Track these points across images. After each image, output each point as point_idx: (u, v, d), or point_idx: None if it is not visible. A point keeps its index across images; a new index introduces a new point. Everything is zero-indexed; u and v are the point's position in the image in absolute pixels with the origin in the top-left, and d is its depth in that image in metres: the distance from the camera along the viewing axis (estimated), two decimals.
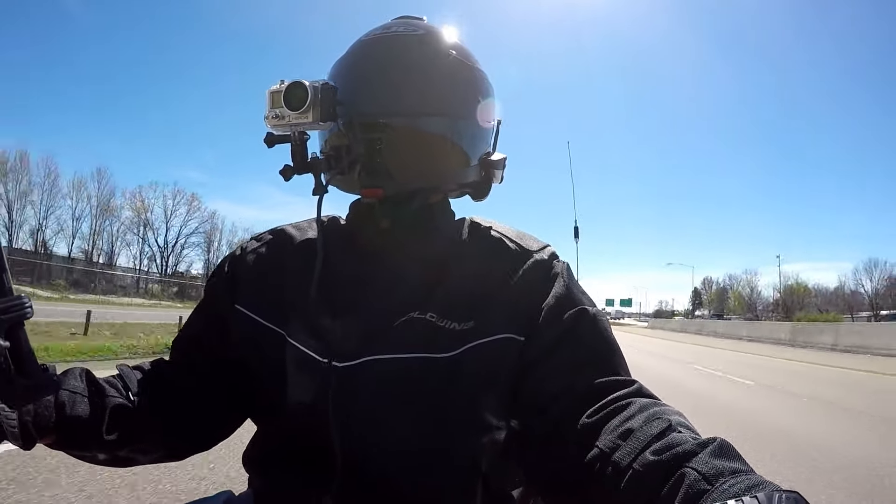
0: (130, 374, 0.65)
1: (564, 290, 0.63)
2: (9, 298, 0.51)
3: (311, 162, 0.61)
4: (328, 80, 0.63)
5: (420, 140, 0.63)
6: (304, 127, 0.59)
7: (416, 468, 0.60)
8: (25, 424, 0.52)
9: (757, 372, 10.04)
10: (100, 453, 0.60)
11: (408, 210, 0.65)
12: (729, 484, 0.37)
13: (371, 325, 0.61)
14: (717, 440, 0.43)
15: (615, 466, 0.46)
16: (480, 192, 0.71)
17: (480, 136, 0.68)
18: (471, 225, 0.70)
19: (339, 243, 0.68)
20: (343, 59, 0.66)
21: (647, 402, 0.52)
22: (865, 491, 3.08)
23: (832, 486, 3.16)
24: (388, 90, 0.62)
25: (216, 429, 0.71)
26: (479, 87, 0.67)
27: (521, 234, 0.70)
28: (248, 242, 0.74)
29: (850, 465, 3.60)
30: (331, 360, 0.61)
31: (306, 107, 0.57)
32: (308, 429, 0.61)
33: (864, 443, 4.31)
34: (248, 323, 0.67)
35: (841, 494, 3.02)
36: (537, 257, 0.65)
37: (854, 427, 4.99)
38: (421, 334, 0.60)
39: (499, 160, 0.70)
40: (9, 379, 0.50)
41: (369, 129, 0.60)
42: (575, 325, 0.60)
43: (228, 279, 0.71)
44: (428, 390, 0.59)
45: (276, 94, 0.57)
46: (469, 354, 0.59)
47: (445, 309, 0.61)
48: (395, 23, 0.68)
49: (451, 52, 0.65)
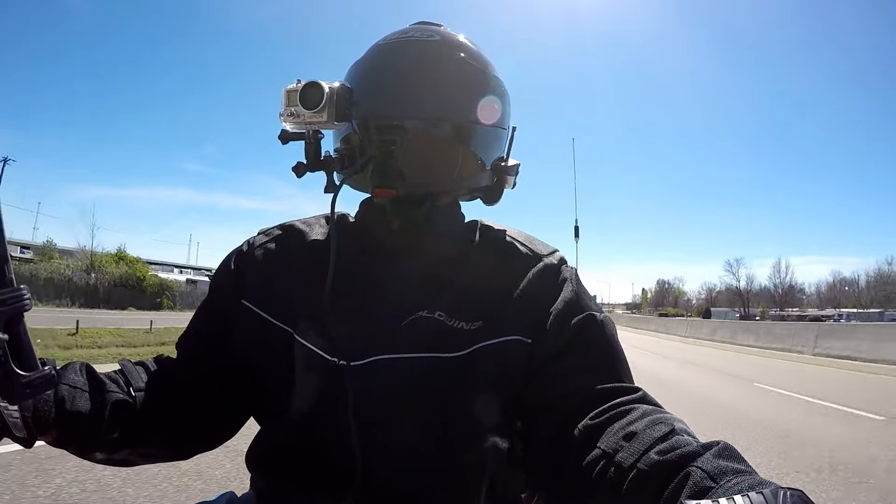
0: (132, 369, 0.65)
1: (573, 295, 0.63)
2: (9, 290, 0.49)
3: (324, 160, 0.63)
4: (345, 82, 0.64)
5: (433, 143, 0.64)
6: (318, 126, 0.60)
7: (424, 468, 0.60)
8: (25, 420, 0.51)
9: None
10: (101, 451, 0.59)
11: (418, 211, 0.66)
12: (734, 482, 0.38)
13: (380, 325, 0.61)
14: (721, 443, 0.43)
15: (618, 467, 0.46)
16: (492, 197, 0.72)
17: (494, 141, 0.68)
18: (481, 228, 0.71)
19: (348, 241, 0.68)
20: (360, 62, 0.67)
21: (650, 409, 0.53)
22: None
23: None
24: (403, 94, 0.63)
25: (220, 428, 0.70)
26: (493, 94, 0.68)
27: (531, 238, 0.71)
28: (256, 237, 0.73)
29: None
30: (340, 360, 0.60)
31: (321, 106, 0.57)
32: (316, 430, 0.61)
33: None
34: (255, 319, 0.66)
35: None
36: (547, 261, 0.66)
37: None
38: (429, 333, 0.60)
39: (512, 166, 0.71)
40: (7, 372, 0.49)
41: (383, 130, 0.61)
42: (582, 331, 0.61)
43: (235, 274, 0.70)
44: (436, 389, 0.59)
45: (292, 93, 0.58)
46: (477, 355, 0.60)
47: (454, 308, 0.61)
48: (413, 28, 0.69)
49: (467, 59, 0.66)
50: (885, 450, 3.94)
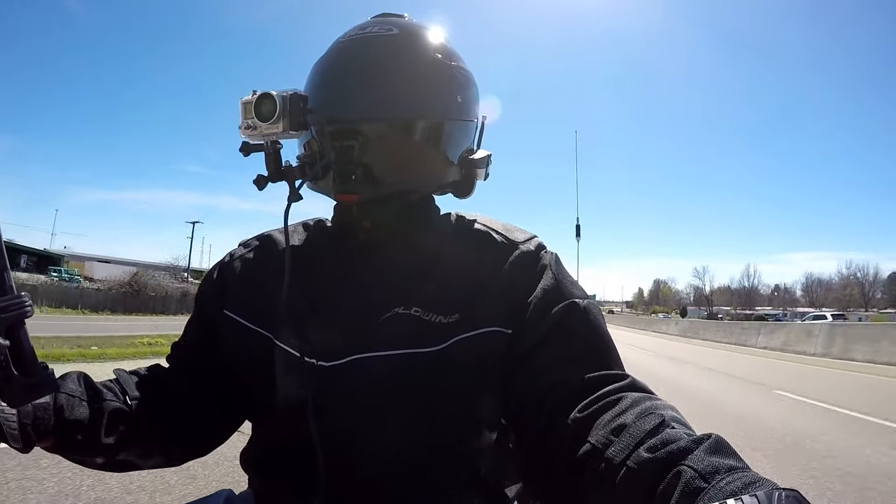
0: (128, 378, 0.66)
1: (553, 282, 0.62)
2: (9, 297, 0.49)
3: (284, 170, 0.61)
4: (305, 83, 0.65)
5: (393, 143, 0.63)
6: (275, 136, 0.59)
7: (407, 466, 0.60)
8: (24, 427, 0.53)
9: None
10: (98, 457, 0.61)
11: (388, 210, 0.65)
12: (726, 482, 0.37)
13: (356, 324, 0.62)
14: (713, 436, 0.42)
15: (608, 463, 0.45)
16: (463, 191, 0.71)
17: (459, 135, 0.67)
18: (457, 219, 0.71)
19: (324, 245, 0.70)
20: (317, 63, 0.66)
21: (640, 397, 0.52)
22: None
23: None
24: (358, 95, 0.62)
25: (212, 433, 0.72)
26: (456, 86, 0.66)
27: (508, 226, 0.69)
28: (237, 249, 0.75)
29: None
30: (318, 361, 0.61)
31: (276, 117, 0.57)
32: (295, 430, 0.61)
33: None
34: (237, 327, 0.67)
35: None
36: (523, 248, 0.65)
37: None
38: (406, 330, 0.60)
39: (481, 158, 0.70)
40: (8, 377, 0.49)
41: (340, 135, 0.61)
42: (564, 319, 0.59)
43: (218, 285, 0.72)
44: (416, 386, 0.59)
45: (247, 105, 0.58)
46: (455, 348, 0.59)
47: (430, 302, 0.61)
48: (371, 22, 0.67)
49: (427, 52, 0.65)
50: (742, 405, 6.13)
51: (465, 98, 0.67)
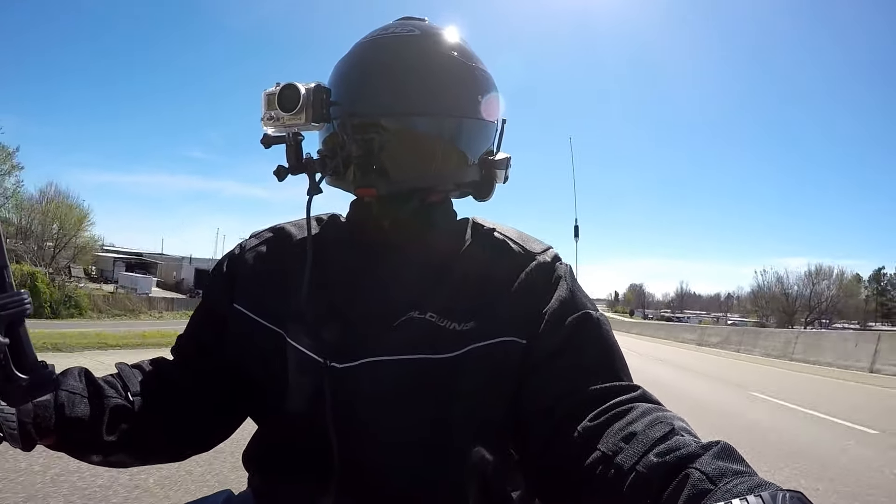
0: (130, 373, 0.66)
1: (568, 293, 0.63)
2: (9, 294, 0.50)
3: (305, 162, 0.62)
4: (328, 81, 0.65)
5: (414, 140, 0.64)
6: (298, 128, 0.60)
7: (415, 470, 0.61)
8: (25, 426, 0.52)
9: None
10: (99, 454, 0.60)
11: (406, 209, 0.65)
12: (732, 484, 0.38)
13: (370, 326, 0.62)
14: (720, 443, 0.43)
15: (618, 469, 0.46)
16: (482, 192, 0.71)
17: (479, 135, 0.68)
18: (473, 225, 0.71)
19: (338, 242, 0.69)
20: (341, 61, 0.67)
21: (650, 407, 0.52)
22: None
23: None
24: (381, 91, 0.63)
25: (215, 429, 0.71)
26: (477, 86, 0.67)
27: (524, 235, 0.70)
28: (248, 241, 0.74)
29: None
30: (329, 361, 0.61)
31: (299, 108, 0.58)
32: (306, 430, 0.62)
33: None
34: (247, 322, 0.67)
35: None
36: (540, 259, 0.65)
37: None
38: (421, 335, 0.60)
39: (501, 160, 0.70)
40: (8, 375, 0.49)
41: (363, 129, 0.61)
42: (578, 330, 0.60)
43: (227, 278, 0.72)
44: (427, 392, 0.59)
45: (270, 96, 0.59)
46: (470, 356, 0.60)
47: (446, 309, 0.61)
48: (394, 24, 0.69)
49: (448, 52, 0.66)
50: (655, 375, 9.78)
51: (486, 99, 0.68)
